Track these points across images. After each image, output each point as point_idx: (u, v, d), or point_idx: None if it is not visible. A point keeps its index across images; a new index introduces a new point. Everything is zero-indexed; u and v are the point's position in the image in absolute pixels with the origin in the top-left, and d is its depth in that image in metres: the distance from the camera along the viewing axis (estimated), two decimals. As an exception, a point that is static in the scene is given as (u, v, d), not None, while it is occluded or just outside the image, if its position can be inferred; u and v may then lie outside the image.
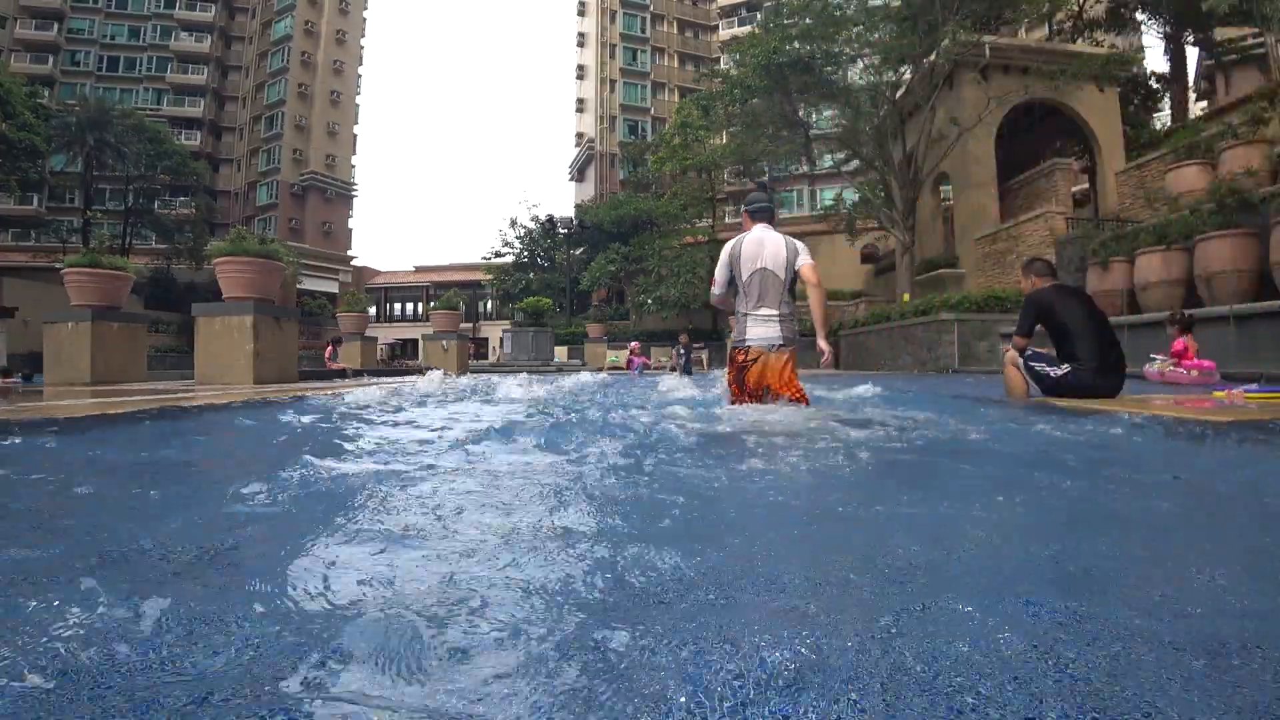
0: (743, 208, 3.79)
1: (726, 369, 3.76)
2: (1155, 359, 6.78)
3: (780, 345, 3.44)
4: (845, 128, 19.98)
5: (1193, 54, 21.82)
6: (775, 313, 3.44)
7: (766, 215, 3.65)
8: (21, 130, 25.23)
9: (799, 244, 3.54)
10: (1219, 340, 7.86)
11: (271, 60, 43.36)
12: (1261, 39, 15.26)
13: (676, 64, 42.46)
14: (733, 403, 3.54)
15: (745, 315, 3.50)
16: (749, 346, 3.47)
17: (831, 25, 17.99)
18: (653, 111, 40.74)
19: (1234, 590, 0.97)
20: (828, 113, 21.16)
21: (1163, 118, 22.78)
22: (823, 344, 3.50)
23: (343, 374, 10.99)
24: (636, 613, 0.87)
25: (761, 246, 3.48)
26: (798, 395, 3.41)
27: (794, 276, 3.48)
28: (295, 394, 4.92)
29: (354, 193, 46.93)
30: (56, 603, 0.86)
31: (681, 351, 15.57)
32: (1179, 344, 6.63)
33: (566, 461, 2.08)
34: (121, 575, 1.02)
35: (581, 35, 44.62)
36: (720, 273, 3.61)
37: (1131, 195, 14.54)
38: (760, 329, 3.46)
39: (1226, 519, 1.49)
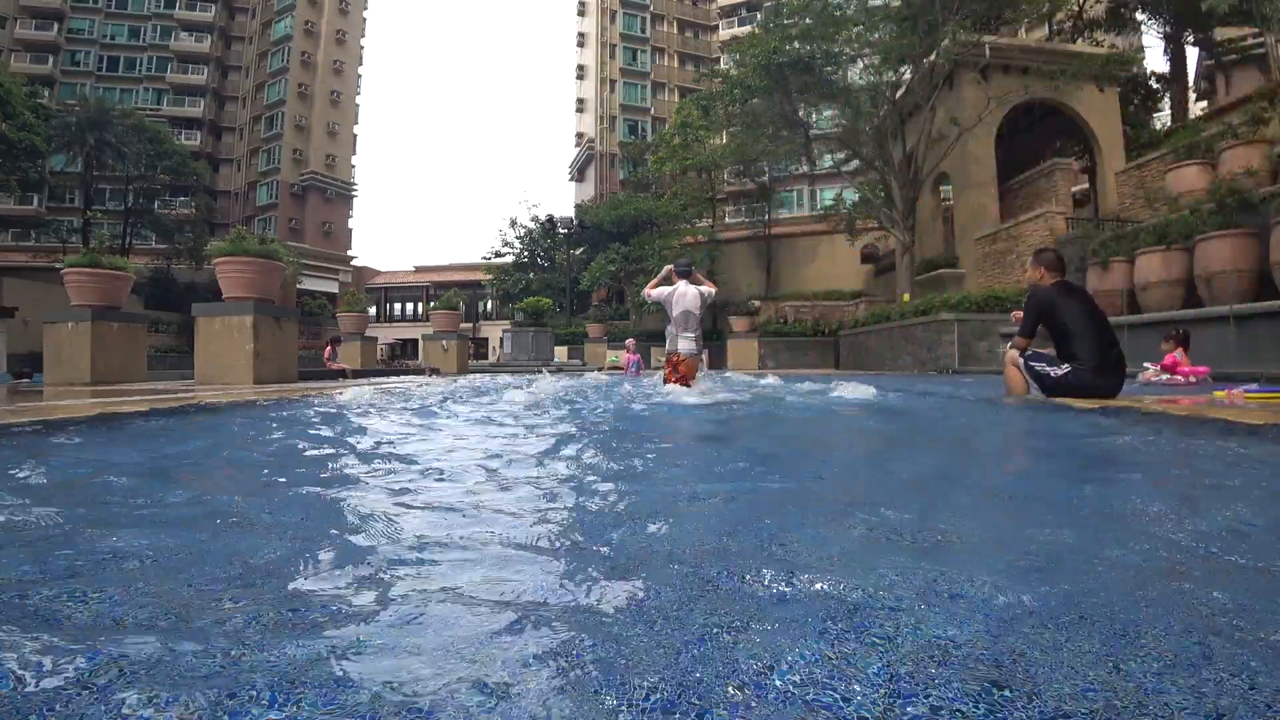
0: (670, 269, 6.17)
1: (665, 366, 6.11)
2: (1147, 367, 6.89)
3: (693, 353, 5.94)
4: (845, 128, 19.96)
5: (1193, 54, 21.84)
6: (692, 335, 5.92)
7: (687, 274, 6.09)
8: (21, 130, 25.18)
9: (703, 289, 6.00)
10: (1219, 340, 7.84)
11: (271, 60, 43.32)
12: (1261, 39, 15.26)
13: (676, 64, 42.40)
14: (665, 382, 6.00)
15: (676, 336, 5.93)
16: (679, 353, 5.91)
17: (831, 25, 17.97)
18: (653, 111, 40.69)
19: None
20: (828, 113, 21.12)
21: (1163, 118, 22.75)
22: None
23: (343, 374, 10.96)
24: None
25: (685, 295, 5.92)
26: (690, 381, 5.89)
27: (704, 309, 5.97)
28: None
29: (354, 193, 46.91)
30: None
31: None
32: (1169, 359, 6.79)
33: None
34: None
35: (581, 35, 44.57)
36: (656, 293, 6.10)
37: (1131, 195, 14.53)
38: (684, 344, 5.90)
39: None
